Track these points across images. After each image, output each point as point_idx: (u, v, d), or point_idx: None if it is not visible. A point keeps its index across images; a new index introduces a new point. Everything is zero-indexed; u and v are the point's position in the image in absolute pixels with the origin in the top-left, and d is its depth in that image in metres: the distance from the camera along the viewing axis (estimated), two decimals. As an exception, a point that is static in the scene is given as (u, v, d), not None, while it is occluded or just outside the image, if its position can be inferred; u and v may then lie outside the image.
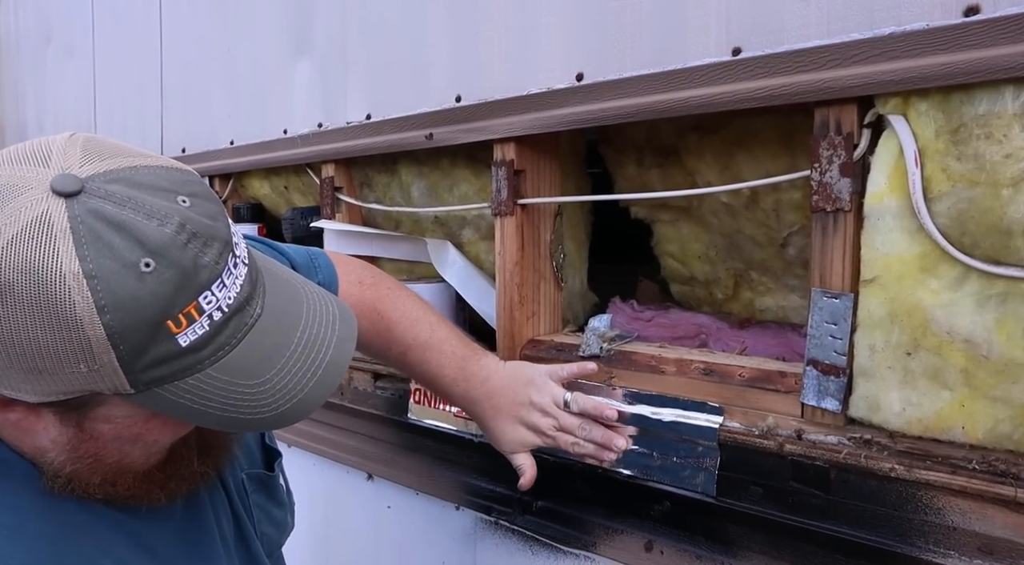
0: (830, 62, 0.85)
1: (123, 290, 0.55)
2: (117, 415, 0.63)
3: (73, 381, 0.58)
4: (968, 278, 0.79)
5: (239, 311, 0.62)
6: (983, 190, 0.76)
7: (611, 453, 1.03)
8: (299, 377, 0.65)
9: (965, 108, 0.77)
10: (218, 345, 0.60)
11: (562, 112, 1.13)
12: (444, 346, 1.08)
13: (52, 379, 0.58)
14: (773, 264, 1.23)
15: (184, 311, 0.58)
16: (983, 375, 0.78)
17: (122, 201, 0.57)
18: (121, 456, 0.67)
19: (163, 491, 0.71)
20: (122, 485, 0.68)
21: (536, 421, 1.04)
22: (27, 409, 0.62)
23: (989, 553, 0.78)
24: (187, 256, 0.57)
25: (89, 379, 0.58)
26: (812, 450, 0.91)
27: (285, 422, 0.65)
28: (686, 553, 1.04)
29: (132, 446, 0.67)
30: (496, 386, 1.06)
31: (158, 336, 0.57)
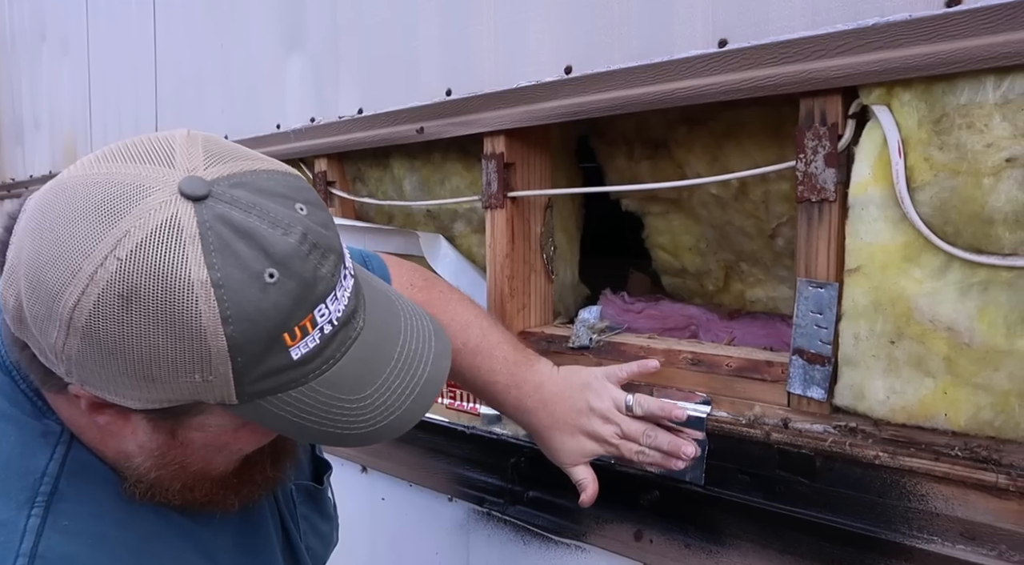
0: (815, 53, 0.86)
1: (248, 301, 0.54)
2: (212, 424, 0.62)
3: (183, 391, 0.57)
4: (950, 267, 0.80)
5: (346, 325, 0.60)
6: (965, 179, 0.77)
7: (679, 461, 0.95)
8: (398, 393, 0.64)
9: (947, 98, 0.78)
10: (324, 358, 0.59)
11: (551, 105, 1.13)
12: (495, 351, 1.02)
13: (163, 387, 0.56)
14: (763, 255, 1.24)
15: (300, 324, 0.56)
16: (965, 362, 0.79)
17: (248, 207, 0.56)
18: (205, 463, 0.66)
19: (237, 497, 0.71)
20: (200, 491, 0.68)
21: (597, 429, 0.97)
22: (118, 413, 0.60)
23: (971, 538, 0.79)
24: (308, 267, 0.56)
25: (200, 389, 0.56)
26: (798, 438, 0.92)
27: (379, 439, 0.64)
28: (675, 541, 1.05)
29: (218, 454, 0.66)
30: (551, 393, 0.99)
31: (274, 348, 0.56)
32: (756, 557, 0.96)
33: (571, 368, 1.03)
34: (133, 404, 0.58)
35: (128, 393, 0.57)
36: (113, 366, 0.55)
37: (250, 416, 0.60)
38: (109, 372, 0.56)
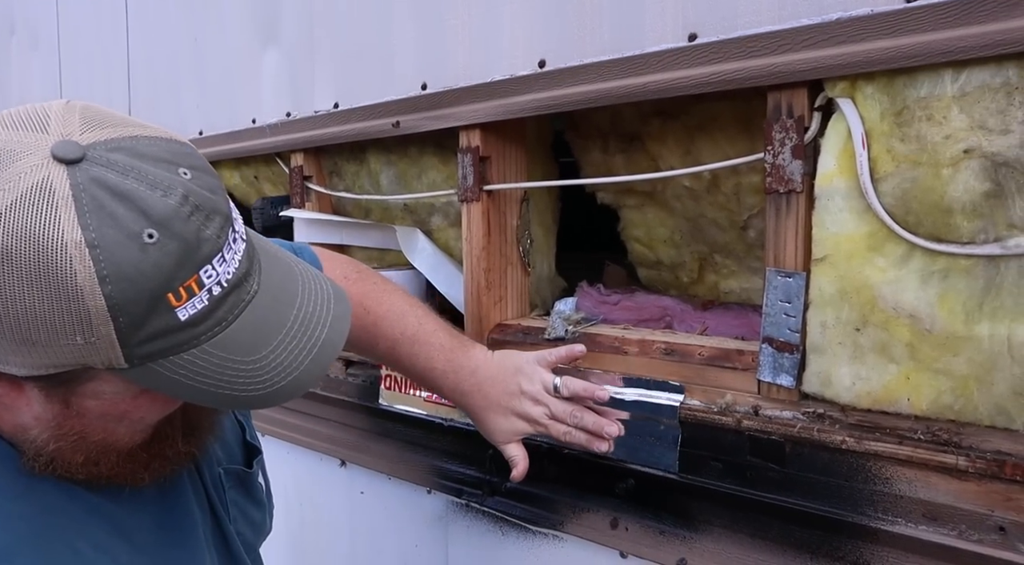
0: (781, 47, 0.87)
1: (126, 261, 0.54)
2: (106, 391, 0.61)
3: (67, 354, 0.56)
4: (912, 255, 0.82)
5: (237, 287, 0.61)
6: (925, 170, 0.79)
7: (602, 442, 0.99)
8: (295, 355, 0.64)
9: (908, 91, 0.80)
10: (216, 321, 0.59)
11: (526, 98, 1.14)
12: (432, 339, 1.06)
13: (45, 351, 0.56)
14: (735, 247, 1.26)
15: (185, 284, 0.56)
16: (926, 348, 0.81)
17: (125, 170, 0.56)
18: (106, 434, 0.65)
19: (147, 471, 0.69)
20: (105, 464, 0.66)
21: (528, 410, 1.01)
22: (10, 384, 0.60)
23: (933, 519, 0.81)
24: (190, 229, 0.56)
25: (84, 352, 0.56)
26: (768, 425, 0.94)
27: (278, 400, 0.64)
28: (650, 529, 1.06)
29: (118, 424, 0.65)
30: (485, 376, 1.04)
31: (158, 309, 0.56)
32: (728, 542, 0.98)
33: (505, 353, 1.07)
34: (19, 371, 0.58)
35: (11, 359, 0.57)
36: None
37: (142, 380, 0.59)
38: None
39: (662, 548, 1.05)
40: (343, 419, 1.54)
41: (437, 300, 1.56)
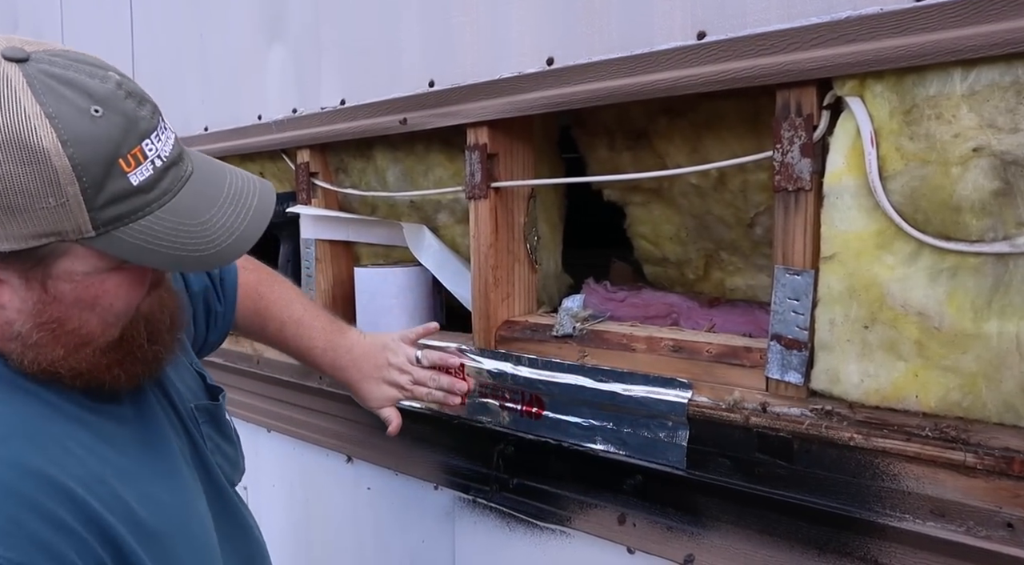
0: (790, 45, 0.88)
1: (80, 129, 0.64)
2: (78, 270, 0.69)
3: (42, 219, 0.64)
4: (921, 253, 0.82)
5: (175, 164, 0.72)
6: (934, 168, 0.79)
7: (455, 396, 1.22)
8: (233, 218, 0.74)
9: (917, 89, 0.80)
10: (162, 190, 0.70)
11: (533, 96, 1.14)
12: (315, 322, 1.23)
13: (24, 219, 0.64)
14: (741, 244, 1.26)
15: (131, 153, 0.67)
16: (935, 346, 0.82)
17: (65, 66, 0.67)
18: (80, 323, 0.72)
19: (121, 368, 0.76)
20: (83, 357, 0.73)
21: (395, 378, 1.22)
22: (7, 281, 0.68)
23: (941, 515, 0.82)
24: (128, 108, 0.68)
25: (57, 216, 0.64)
26: (776, 422, 0.94)
27: (225, 259, 0.74)
28: (657, 525, 1.07)
29: (91, 313, 0.72)
30: (360, 353, 1.22)
31: (112, 173, 0.66)
32: (736, 538, 0.99)
33: (376, 333, 1.27)
34: (2, 246, 0.65)
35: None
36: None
37: (109, 248, 0.68)
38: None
39: (670, 544, 1.06)
40: (350, 415, 1.54)
41: (443, 297, 1.57)
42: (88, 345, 0.73)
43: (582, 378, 1.14)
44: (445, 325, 1.58)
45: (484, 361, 1.27)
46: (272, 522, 1.79)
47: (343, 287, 1.64)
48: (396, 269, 1.49)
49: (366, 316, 1.51)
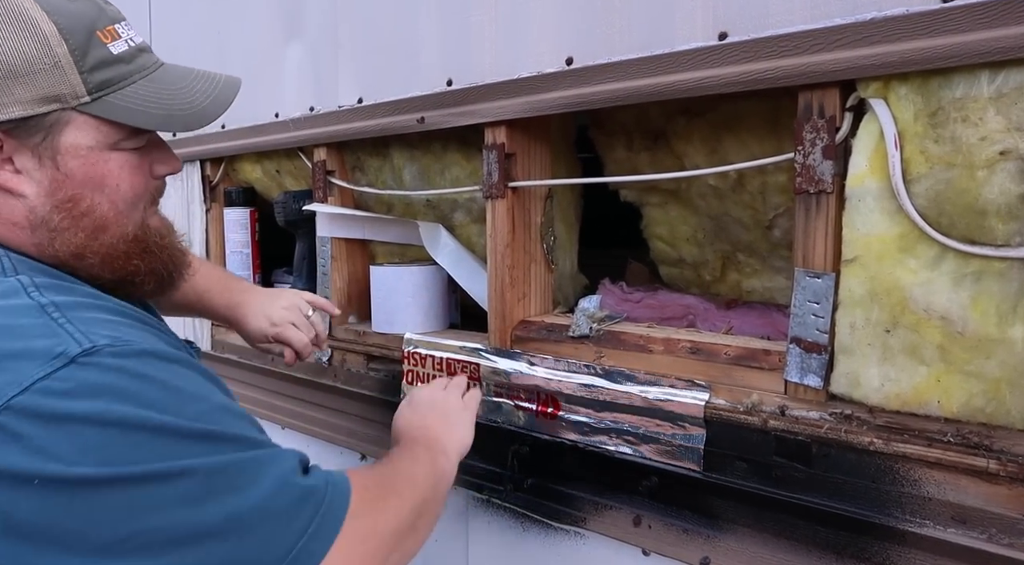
0: (814, 47, 0.87)
1: (59, 4, 0.74)
2: (82, 144, 0.76)
3: (42, 82, 0.73)
4: (945, 257, 0.81)
5: (146, 51, 0.82)
6: (959, 172, 0.79)
7: (317, 349, 1.30)
8: (208, 87, 0.84)
9: (943, 92, 0.79)
10: (140, 65, 0.79)
11: (552, 96, 1.14)
12: (213, 272, 1.31)
13: (25, 82, 0.72)
14: (759, 246, 1.25)
15: (106, 29, 0.77)
16: (958, 351, 0.81)
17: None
18: (92, 204, 0.78)
19: (140, 259, 0.83)
20: (104, 243, 0.79)
21: (283, 315, 1.26)
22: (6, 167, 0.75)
23: (962, 522, 0.81)
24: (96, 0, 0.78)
25: (54, 77, 0.73)
26: (795, 425, 0.94)
27: (209, 117, 0.83)
28: (673, 527, 1.07)
29: (100, 194, 0.78)
30: (254, 294, 1.29)
31: (93, 42, 0.75)
32: (752, 541, 0.99)
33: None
34: (13, 111, 0.72)
35: (5, 100, 0.72)
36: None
37: (104, 112, 0.76)
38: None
39: (685, 546, 1.05)
40: (364, 413, 1.55)
41: (459, 296, 1.57)
42: (105, 231, 0.79)
43: (598, 379, 1.14)
44: (460, 325, 1.58)
45: (499, 361, 1.27)
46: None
47: (359, 285, 1.65)
48: (412, 268, 1.49)
49: (381, 314, 1.52)
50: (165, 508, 0.63)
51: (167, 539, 0.63)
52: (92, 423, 0.62)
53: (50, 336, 0.66)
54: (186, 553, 0.63)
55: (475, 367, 1.31)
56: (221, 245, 2.00)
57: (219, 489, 0.66)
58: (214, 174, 1.99)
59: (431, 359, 1.40)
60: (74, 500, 0.61)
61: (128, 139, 0.80)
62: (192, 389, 0.71)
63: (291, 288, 1.78)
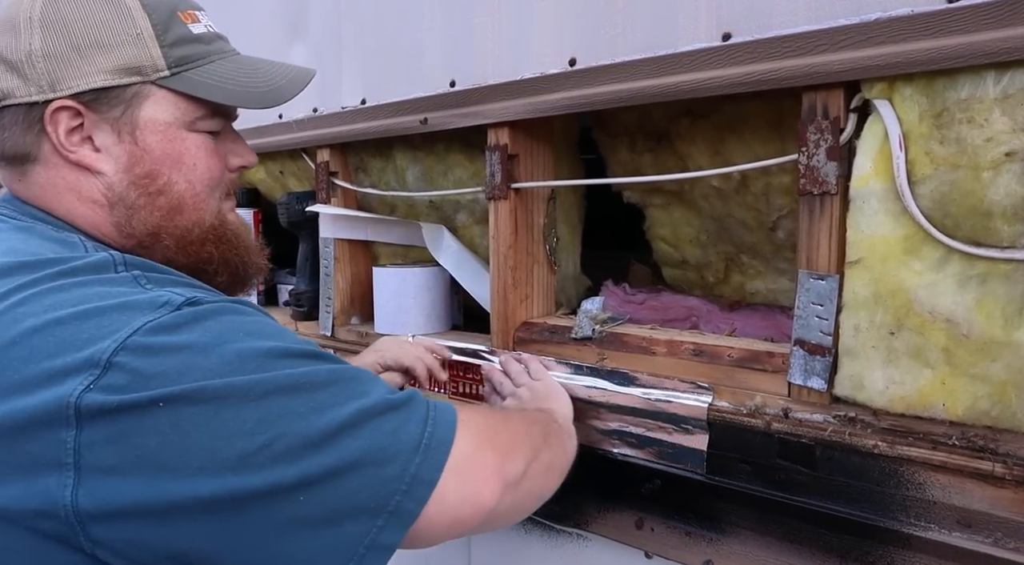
0: (818, 47, 0.86)
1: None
2: (160, 120, 0.77)
3: (124, 53, 0.74)
4: (950, 259, 0.81)
5: (224, 39, 0.84)
6: (965, 173, 0.78)
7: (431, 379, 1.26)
8: (282, 72, 0.87)
9: (948, 93, 0.79)
10: (218, 49, 0.81)
11: (555, 97, 1.14)
12: None
13: (109, 52, 0.74)
14: (763, 247, 1.25)
15: (186, 12, 0.79)
16: (963, 353, 0.80)
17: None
18: (168, 182, 0.79)
19: (215, 248, 0.83)
20: (179, 224, 0.80)
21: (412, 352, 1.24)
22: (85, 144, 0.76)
23: (967, 526, 0.81)
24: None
25: (135, 49, 0.75)
26: (798, 428, 0.93)
27: (285, 95, 0.85)
28: (676, 529, 1.06)
29: (177, 171, 0.79)
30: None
31: (174, 20, 0.77)
32: (756, 545, 0.98)
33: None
34: (96, 81, 0.74)
35: (88, 69, 0.74)
36: (71, 41, 0.73)
37: (182, 86, 0.77)
38: (69, 50, 0.73)
39: (688, 549, 1.05)
40: (367, 414, 1.55)
41: (462, 297, 1.57)
42: (180, 212, 0.80)
43: (601, 380, 1.13)
44: (463, 326, 1.58)
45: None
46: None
47: (361, 286, 1.64)
48: (414, 269, 1.49)
49: (384, 315, 1.52)
50: (296, 414, 0.62)
51: (303, 443, 0.62)
52: (208, 350, 0.63)
53: (145, 294, 0.67)
54: (324, 454, 0.62)
55: (478, 369, 1.31)
56: (224, 246, 2.00)
57: (344, 393, 0.66)
58: (217, 175, 1.99)
59: (433, 360, 1.39)
60: (201, 416, 0.60)
61: (205, 120, 0.80)
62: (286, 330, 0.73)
63: (293, 289, 1.79)
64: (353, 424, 0.64)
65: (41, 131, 0.75)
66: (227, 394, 0.61)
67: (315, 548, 0.62)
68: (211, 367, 0.62)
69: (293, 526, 0.61)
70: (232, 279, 0.85)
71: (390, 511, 0.63)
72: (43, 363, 0.61)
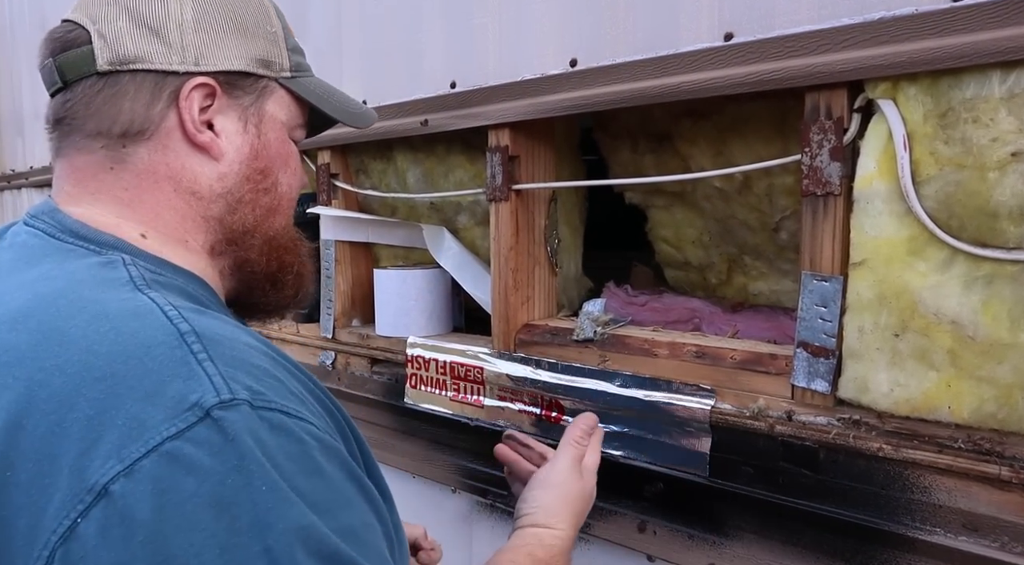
0: (821, 47, 0.86)
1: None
2: (280, 118, 0.75)
3: (262, 44, 0.73)
4: (955, 260, 0.80)
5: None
6: (970, 173, 0.77)
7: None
8: (353, 98, 0.86)
9: (953, 92, 0.78)
10: (309, 66, 0.80)
11: (556, 98, 1.13)
12: None
13: (251, 40, 0.73)
14: (766, 249, 1.24)
15: (287, 28, 0.78)
16: (969, 356, 0.79)
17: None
18: (276, 182, 0.76)
19: (294, 256, 0.80)
20: (270, 224, 0.76)
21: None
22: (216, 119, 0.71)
23: (974, 529, 0.80)
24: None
25: (270, 44, 0.74)
26: (802, 431, 0.92)
27: (370, 118, 0.87)
28: (678, 533, 1.05)
29: (284, 172, 0.77)
30: None
31: (287, 30, 0.77)
32: (759, 548, 0.97)
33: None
34: (239, 64, 0.71)
35: (233, 52, 0.71)
36: (223, 19, 0.71)
37: (300, 90, 0.76)
38: (221, 28, 0.71)
39: (691, 553, 1.04)
40: (368, 417, 1.54)
41: (462, 299, 1.56)
42: (275, 214, 0.76)
43: (603, 383, 1.13)
44: (464, 328, 1.57)
45: (503, 365, 1.26)
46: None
47: (362, 288, 1.64)
48: (415, 271, 1.49)
49: (385, 317, 1.51)
50: None
51: None
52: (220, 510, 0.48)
53: (186, 377, 0.52)
54: None
55: (479, 371, 1.30)
56: (225, 248, 2.00)
57: None
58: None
59: (435, 363, 1.39)
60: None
61: (299, 129, 0.79)
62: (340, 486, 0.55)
63: None
64: None
65: (171, 105, 0.68)
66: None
67: None
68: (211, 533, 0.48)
69: None
70: (296, 289, 0.80)
71: None
72: None
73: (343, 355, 1.61)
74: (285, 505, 0.49)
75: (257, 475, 0.49)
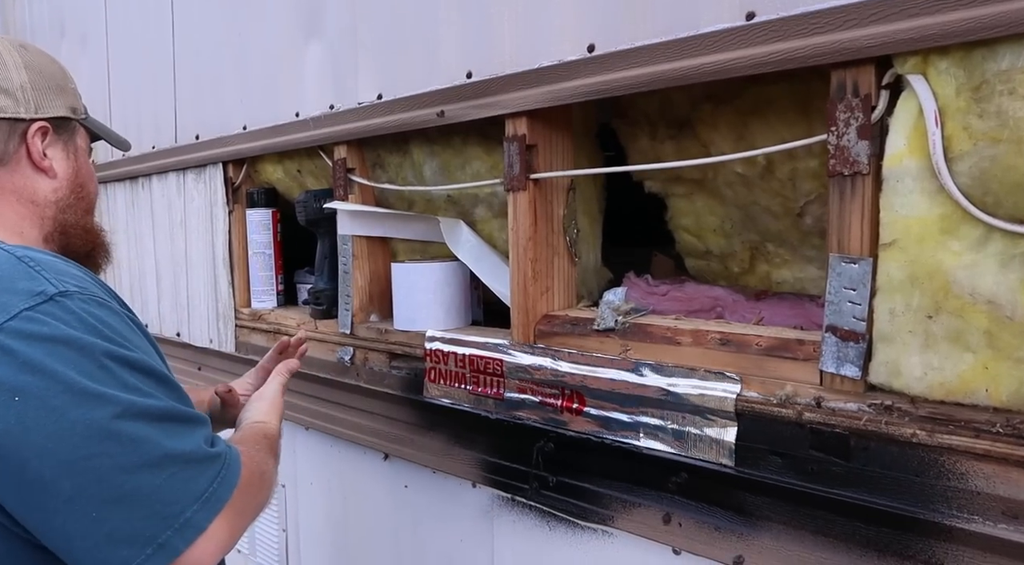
0: (847, 22, 0.84)
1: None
2: (83, 147, 1.06)
3: (69, 97, 1.03)
4: (991, 238, 0.78)
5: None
6: (1006, 147, 0.75)
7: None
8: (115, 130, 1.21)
9: (988, 64, 0.75)
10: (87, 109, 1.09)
11: (574, 84, 1.12)
12: None
13: (63, 94, 1.02)
14: (790, 235, 1.21)
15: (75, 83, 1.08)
16: (1007, 336, 0.77)
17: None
18: (88, 191, 1.06)
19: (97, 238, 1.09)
20: (87, 220, 1.06)
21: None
22: (53, 141, 1.00)
23: (1014, 517, 0.77)
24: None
25: (73, 96, 1.04)
26: (832, 417, 0.90)
27: (129, 146, 1.25)
28: (705, 525, 1.03)
29: (91, 183, 1.07)
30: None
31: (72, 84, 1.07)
32: (788, 539, 0.95)
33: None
34: (61, 112, 1.01)
35: (57, 103, 1.01)
36: (45, 82, 1.00)
37: (92, 126, 1.09)
38: (44, 86, 0.99)
39: (718, 545, 1.02)
40: (387, 412, 1.53)
41: (480, 292, 1.55)
42: (89, 212, 1.06)
43: (625, 373, 1.11)
44: (483, 321, 1.56)
45: (523, 356, 1.24)
46: (309, 520, 1.79)
47: (380, 283, 1.63)
48: (433, 264, 1.47)
49: (403, 311, 1.50)
50: (119, 436, 0.77)
51: (115, 466, 0.76)
52: (69, 344, 0.78)
53: (30, 279, 0.83)
54: (127, 479, 0.77)
55: (498, 364, 1.29)
56: (244, 246, 2.00)
57: (166, 431, 0.81)
58: (236, 176, 1.99)
59: (453, 356, 1.38)
60: (49, 414, 0.75)
61: (89, 153, 1.09)
62: (139, 342, 0.87)
63: (312, 287, 1.78)
64: (159, 464, 0.79)
65: (20, 141, 0.97)
66: (77, 393, 0.77)
67: (93, 560, 0.77)
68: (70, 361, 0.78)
69: (79, 535, 0.76)
70: (101, 263, 1.09)
71: (159, 543, 0.78)
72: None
73: (361, 351, 1.61)
74: (112, 343, 0.81)
75: (90, 326, 0.81)
